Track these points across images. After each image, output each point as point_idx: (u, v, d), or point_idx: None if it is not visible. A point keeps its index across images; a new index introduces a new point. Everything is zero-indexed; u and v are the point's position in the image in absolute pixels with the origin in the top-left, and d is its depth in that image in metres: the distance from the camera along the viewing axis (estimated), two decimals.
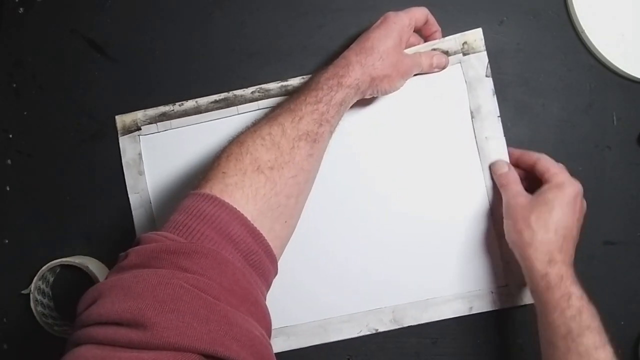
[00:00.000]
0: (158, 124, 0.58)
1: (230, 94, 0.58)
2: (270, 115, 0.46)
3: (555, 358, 0.45)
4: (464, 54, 0.56)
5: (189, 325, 0.31)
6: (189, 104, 0.58)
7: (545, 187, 0.50)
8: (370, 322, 0.56)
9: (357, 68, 0.48)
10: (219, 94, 0.58)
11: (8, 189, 0.60)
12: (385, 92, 0.53)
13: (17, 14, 0.60)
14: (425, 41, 0.56)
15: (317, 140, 0.45)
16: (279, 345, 0.56)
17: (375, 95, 0.53)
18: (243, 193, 0.40)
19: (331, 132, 0.48)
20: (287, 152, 0.43)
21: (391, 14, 0.51)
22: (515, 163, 0.55)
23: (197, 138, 0.57)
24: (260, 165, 0.42)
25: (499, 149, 0.56)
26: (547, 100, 0.58)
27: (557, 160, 0.55)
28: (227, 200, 0.39)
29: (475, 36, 0.56)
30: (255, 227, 0.39)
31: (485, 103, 0.56)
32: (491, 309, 0.56)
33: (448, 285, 0.56)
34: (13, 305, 0.59)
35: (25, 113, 0.60)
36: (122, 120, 0.58)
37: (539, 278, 0.47)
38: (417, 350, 0.57)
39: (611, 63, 0.57)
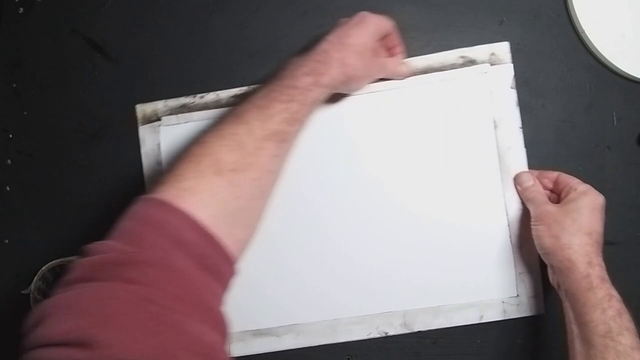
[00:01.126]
0: (178, 115, 0.58)
1: (251, 88, 0.57)
2: (236, 112, 0.44)
3: (590, 356, 0.45)
4: (491, 64, 0.56)
5: (136, 340, 0.30)
6: (210, 96, 0.58)
7: (572, 195, 0.51)
8: (380, 325, 0.56)
9: (336, 66, 0.47)
10: (239, 88, 0.58)
11: (8, 189, 0.60)
12: (351, 91, 0.53)
13: (17, 14, 0.60)
14: (388, 54, 0.56)
15: (286, 140, 0.44)
16: (287, 342, 0.56)
17: (341, 92, 0.53)
18: (199, 197, 0.38)
19: (301, 130, 0.46)
20: (251, 152, 0.41)
21: (367, 13, 0.51)
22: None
23: None
24: (221, 167, 0.40)
25: (519, 160, 0.56)
26: (547, 100, 0.58)
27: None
28: (181, 205, 0.37)
29: (503, 49, 0.57)
30: (210, 232, 0.37)
31: (508, 114, 0.56)
32: (502, 319, 0.56)
33: (460, 293, 0.56)
34: (13, 305, 0.59)
35: (25, 113, 0.60)
36: (143, 109, 0.58)
37: (580, 278, 0.47)
38: (417, 350, 0.57)
39: (611, 63, 0.57)
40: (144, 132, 0.58)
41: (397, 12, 0.58)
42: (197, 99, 0.58)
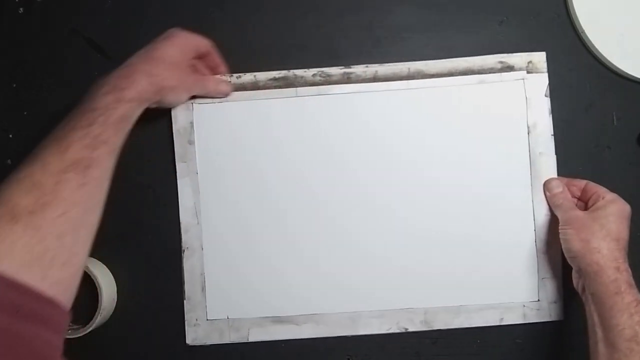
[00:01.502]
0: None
1: (291, 72, 0.57)
2: (34, 151, 0.43)
3: (614, 359, 0.46)
4: (528, 72, 0.57)
5: None
6: (247, 77, 0.57)
7: (600, 203, 0.51)
8: (400, 321, 0.56)
9: (143, 78, 0.47)
10: (279, 71, 0.57)
11: None
12: (171, 104, 0.53)
13: (17, 14, 0.60)
14: (212, 73, 0.57)
15: (92, 166, 0.42)
16: (306, 331, 0.56)
17: (161, 107, 0.53)
18: None
19: (113, 151, 0.45)
20: (50, 189, 0.40)
21: (178, 29, 0.52)
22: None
23: (251, 115, 0.57)
24: (17, 212, 0.38)
25: (549, 166, 0.56)
26: None
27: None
28: None
29: (540, 58, 0.57)
30: (17, 282, 0.36)
31: (541, 120, 0.56)
32: (522, 322, 0.56)
33: (482, 294, 0.56)
34: None
35: (25, 113, 0.60)
36: None
37: (608, 282, 0.47)
38: (417, 350, 0.57)
39: (611, 63, 0.57)
40: (177, 109, 0.57)
41: (397, 12, 0.59)
42: (234, 79, 0.57)
